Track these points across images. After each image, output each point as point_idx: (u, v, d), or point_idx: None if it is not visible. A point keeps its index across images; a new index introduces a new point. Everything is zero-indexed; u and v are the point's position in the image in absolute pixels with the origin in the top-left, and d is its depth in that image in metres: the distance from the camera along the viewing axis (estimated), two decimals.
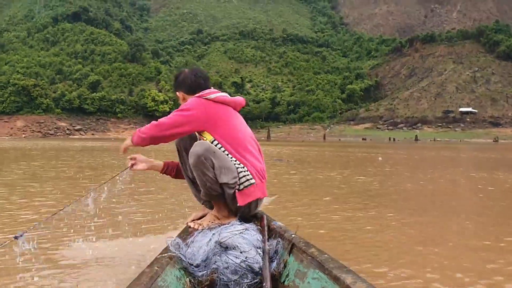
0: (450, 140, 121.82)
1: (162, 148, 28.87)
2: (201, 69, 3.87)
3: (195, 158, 3.16)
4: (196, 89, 3.56)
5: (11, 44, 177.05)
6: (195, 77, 3.63)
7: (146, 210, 6.70)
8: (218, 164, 3.16)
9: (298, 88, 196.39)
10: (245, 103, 3.76)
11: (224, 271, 2.68)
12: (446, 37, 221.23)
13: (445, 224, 6.28)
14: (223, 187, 3.22)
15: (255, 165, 3.37)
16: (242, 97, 3.80)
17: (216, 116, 3.31)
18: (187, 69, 3.81)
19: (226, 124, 3.34)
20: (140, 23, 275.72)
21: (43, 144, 47.45)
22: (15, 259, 3.38)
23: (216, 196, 3.31)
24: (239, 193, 3.22)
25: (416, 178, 12.98)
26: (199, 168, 3.17)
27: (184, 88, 3.67)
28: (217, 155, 3.19)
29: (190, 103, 3.33)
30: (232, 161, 3.27)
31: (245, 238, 2.86)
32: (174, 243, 2.87)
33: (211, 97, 3.34)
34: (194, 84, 3.61)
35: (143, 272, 2.36)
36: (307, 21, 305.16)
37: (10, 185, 9.71)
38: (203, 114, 3.27)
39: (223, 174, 3.16)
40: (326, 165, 17.58)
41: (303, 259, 2.54)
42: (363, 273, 3.39)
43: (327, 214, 6.62)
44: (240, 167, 3.26)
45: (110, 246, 4.54)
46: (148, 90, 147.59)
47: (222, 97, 3.39)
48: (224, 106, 3.39)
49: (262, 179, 3.42)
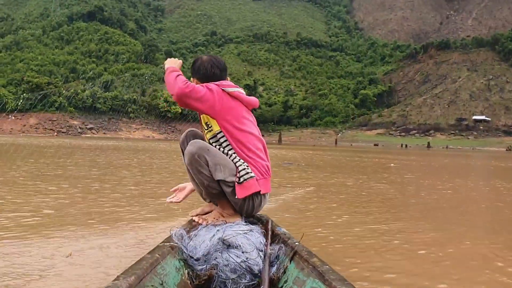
0: (463, 147, 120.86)
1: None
2: (218, 58, 3.65)
3: (189, 156, 3.19)
4: (211, 79, 3.53)
5: (26, 42, 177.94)
6: (211, 67, 3.58)
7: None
8: (212, 161, 3.19)
9: (311, 92, 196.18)
10: (258, 105, 3.66)
11: (224, 268, 2.69)
12: (461, 44, 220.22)
13: (488, 241, 5.42)
14: (221, 184, 3.25)
15: (258, 161, 3.41)
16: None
17: (228, 109, 3.34)
18: (205, 56, 3.68)
19: (235, 118, 3.38)
20: (155, 24, 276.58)
21: (59, 142, 47.17)
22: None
23: (216, 194, 3.35)
24: (238, 186, 3.23)
25: (435, 186, 12.18)
26: (194, 166, 3.21)
27: (199, 76, 3.64)
28: (211, 152, 3.22)
29: (211, 86, 3.34)
30: (233, 156, 3.32)
31: (249, 239, 2.87)
32: (177, 233, 2.89)
33: (228, 90, 3.38)
34: (209, 73, 3.57)
35: (144, 257, 2.38)
36: (322, 25, 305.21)
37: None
38: (218, 101, 3.30)
39: (218, 171, 3.19)
40: (340, 170, 16.99)
41: (304, 268, 2.52)
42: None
43: (348, 226, 5.90)
44: (240, 162, 3.29)
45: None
46: (160, 90, 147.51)
47: (237, 93, 3.43)
48: (238, 102, 3.43)
49: (265, 175, 3.45)
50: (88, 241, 4.36)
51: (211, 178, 3.20)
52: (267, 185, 3.45)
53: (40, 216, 5.57)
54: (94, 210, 6.06)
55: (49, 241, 4.31)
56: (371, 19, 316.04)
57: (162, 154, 26.74)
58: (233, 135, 3.35)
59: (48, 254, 3.90)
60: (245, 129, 3.41)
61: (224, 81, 3.49)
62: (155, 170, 13.91)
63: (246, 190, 3.24)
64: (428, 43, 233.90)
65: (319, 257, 2.57)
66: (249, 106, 3.57)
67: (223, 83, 3.41)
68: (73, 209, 6.13)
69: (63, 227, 4.93)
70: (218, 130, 3.36)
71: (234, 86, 3.45)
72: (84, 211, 6.02)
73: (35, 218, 5.41)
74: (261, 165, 3.42)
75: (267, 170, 3.48)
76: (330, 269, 2.33)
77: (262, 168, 3.42)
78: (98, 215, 5.72)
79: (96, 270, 3.55)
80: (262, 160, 3.46)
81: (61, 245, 4.19)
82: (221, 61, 3.68)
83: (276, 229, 3.28)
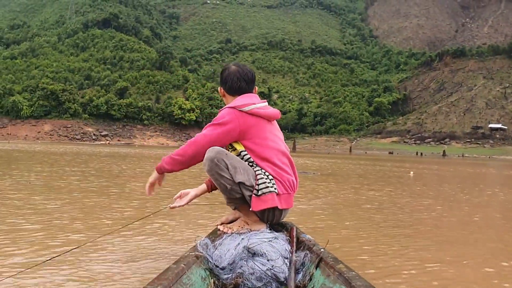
0: (479, 156, 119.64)
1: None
2: (246, 69, 3.59)
3: (209, 162, 3.16)
4: (237, 92, 3.53)
5: (41, 49, 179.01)
6: (237, 79, 3.52)
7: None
8: (232, 164, 3.18)
9: (325, 100, 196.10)
10: (280, 116, 3.62)
11: (249, 276, 2.67)
12: (477, 52, 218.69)
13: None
14: (241, 188, 3.23)
15: (284, 176, 3.37)
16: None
17: (248, 128, 3.32)
18: (233, 65, 3.61)
19: (256, 136, 3.35)
20: (169, 31, 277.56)
21: (75, 149, 46.93)
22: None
23: (240, 199, 3.33)
24: (255, 198, 3.22)
25: (470, 200, 10.98)
26: (214, 171, 3.18)
27: (225, 87, 3.59)
28: (230, 156, 3.21)
29: (224, 115, 3.32)
30: (256, 168, 3.31)
31: (274, 247, 2.85)
32: (202, 243, 2.88)
33: (246, 109, 3.32)
34: (235, 86, 3.53)
35: (169, 267, 2.38)
36: (336, 33, 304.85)
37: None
38: (237, 126, 3.28)
39: (238, 174, 3.17)
40: (360, 180, 16.25)
41: (330, 274, 2.50)
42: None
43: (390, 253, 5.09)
44: (262, 175, 3.27)
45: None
46: (175, 98, 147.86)
47: (256, 110, 3.38)
48: (258, 119, 3.38)
49: (290, 190, 3.41)
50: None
51: (232, 181, 3.18)
52: (290, 200, 3.39)
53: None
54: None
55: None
56: (386, 27, 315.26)
57: None
58: (257, 153, 3.33)
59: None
60: (269, 144, 3.36)
61: (244, 99, 3.42)
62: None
63: (262, 203, 3.21)
64: (444, 50, 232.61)
65: (345, 263, 2.54)
66: (271, 119, 3.46)
67: (238, 104, 3.33)
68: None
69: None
70: (242, 149, 3.34)
71: (251, 103, 3.35)
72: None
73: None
74: (287, 179, 3.35)
75: (292, 185, 3.40)
76: (356, 275, 2.31)
77: (287, 183, 3.35)
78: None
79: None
80: (288, 175, 3.38)
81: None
82: (249, 73, 3.57)
83: (301, 236, 3.24)
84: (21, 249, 4.21)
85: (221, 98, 3.70)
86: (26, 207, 6.61)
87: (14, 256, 3.96)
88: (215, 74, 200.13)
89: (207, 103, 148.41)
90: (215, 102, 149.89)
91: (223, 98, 3.65)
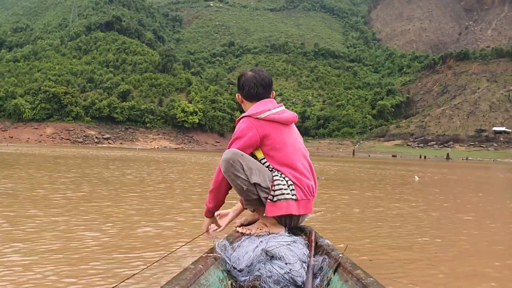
0: (483, 159, 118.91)
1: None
2: (263, 74, 3.60)
3: (225, 163, 3.19)
4: (254, 98, 3.55)
5: (44, 52, 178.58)
6: (254, 85, 3.53)
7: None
8: (247, 165, 3.20)
9: (329, 102, 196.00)
10: (297, 119, 3.61)
11: (267, 279, 2.69)
12: (480, 55, 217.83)
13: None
14: (257, 189, 3.24)
15: (303, 181, 3.37)
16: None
17: (266, 135, 3.33)
18: (250, 71, 3.63)
19: (275, 142, 3.35)
20: (173, 34, 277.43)
21: (80, 152, 46.42)
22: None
23: (257, 200, 3.33)
24: (270, 203, 3.23)
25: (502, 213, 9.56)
26: (230, 171, 3.20)
27: (243, 93, 3.60)
28: (245, 157, 3.23)
29: (242, 128, 3.34)
30: (275, 173, 3.31)
31: (292, 251, 2.86)
32: (220, 244, 2.91)
33: (261, 116, 3.33)
34: (252, 92, 3.55)
35: (187, 268, 2.41)
36: (339, 36, 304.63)
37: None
38: (256, 134, 3.29)
39: (253, 175, 3.19)
40: (371, 186, 15.41)
41: (348, 280, 2.50)
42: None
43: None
44: (279, 180, 3.27)
45: None
46: (178, 100, 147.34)
47: (272, 116, 3.37)
48: (274, 124, 3.38)
49: (309, 195, 3.41)
50: None
51: (248, 181, 3.20)
52: (309, 206, 3.38)
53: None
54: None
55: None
56: (389, 30, 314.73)
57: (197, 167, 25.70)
58: (276, 158, 3.34)
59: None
60: (288, 149, 3.36)
61: (259, 105, 3.43)
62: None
63: (277, 209, 3.21)
64: (447, 53, 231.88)
65: (363, 269, 2.54)
66: (288, 123, 3.44)
67: (253, 112, 3.34)
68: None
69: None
70: (262, 157, 3.37)
71: (266, 110, 3.35)
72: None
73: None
74: (306, 184, 3.35)
75: (311, 190, 3.41)
76: (375, 281, 2.30)
77: (306, 189, 3.35)
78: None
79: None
80: (308, 180, 3.39)
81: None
82: (265, 78, 3.56)
83: (320, 240, 3.26)
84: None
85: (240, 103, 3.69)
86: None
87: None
88: (217, 76, 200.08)
89: (210, 106, 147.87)
90: (218, 105, 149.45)
91: (241, 104, 3.66)
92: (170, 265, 4.08)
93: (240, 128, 3.30)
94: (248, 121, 3.29)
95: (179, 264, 4.12)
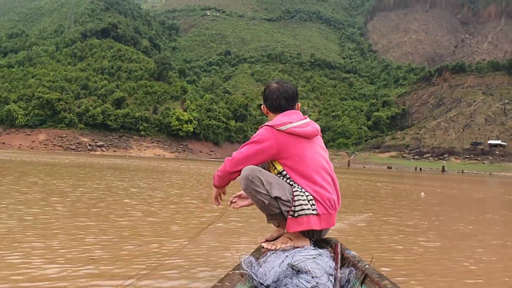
0: (478, 172, 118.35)
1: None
2: (287, 86, 3.68)
3: (244, 180, 3.23)
4: (277, 109, 3.61)
5: (39, 58, 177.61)
6: (277, 97, 3.60)
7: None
8: (266, 180, 3.22)
9: (324, 113, 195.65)
10: (319, 133, 3.71)
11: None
12: (476, 67, 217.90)
13: None
14: (279, 203, 3.26)
15: (321, 194, 3.38)
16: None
17: (286, 148, 3.35)
18: (275, 83, 3.71)
19: (296, 155, 3.38)
20: (169, 42, 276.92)
21: (73, 159, 45.34)
22: None
23: (278, 214, 3.34)
24: (291, 219, 3.25)
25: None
26: (251, 188, 3.23)
27: (267, 104, 3.69)
28: (264, 172, 3.26)
29: (261, 134, 3.38)
30: (295, 188, 3.32)
31: (318, 264, 2.87)
32: (246, 261, 2.91)
33: (282, 128, 3.36)
34: (274, 104, 3.62)
35: (215, 286, 2.38)
36: (336, 47, 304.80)
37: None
38: (274, 145, 3.32)
39: (274, 189, 3.21)
40: (375, 202, 14.37)
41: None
42: None
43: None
44: (300, 193, 3.29)
45: None
46: (173, 109, 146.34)
47: (293, 129, 3.39)
48: (295, 137, 3.40)
49: (331, 209, 3.42)
50: None
51: (269, 196, 3.21)
52: (331, 220, 3.40)
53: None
54: None
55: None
56: (385, 42, 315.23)
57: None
58: (296, 171, 3.35)
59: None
60: (308, 162, 3.37)
61: (282, 117, 3.47)
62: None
63: (298, 225, 3.23)
64: (443, 66, 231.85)
65: (390, 279, 2.51)
66: (310, 137, 3.47)
67: (276, 123, 3.36)
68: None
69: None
70: (282, 169, 3.38)
71: (288, 122, 3.37)
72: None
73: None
74: (327, 198, 3.36)
75: (332, 204, 3.41)
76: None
77: (327, 203, 3.36)
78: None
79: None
80: (329, 193, 3.39)
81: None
82: (289, 90, 3.62)
83: (346, 252, 3.24)
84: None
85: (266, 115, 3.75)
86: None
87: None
88: (213, 85, 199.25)
89: (205, 115, 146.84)
90: (213, 113, 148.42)
91: (267, 115, 3.73)
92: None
93: (260, 134, 3.35)
94: (270, 130, 3.33)
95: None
